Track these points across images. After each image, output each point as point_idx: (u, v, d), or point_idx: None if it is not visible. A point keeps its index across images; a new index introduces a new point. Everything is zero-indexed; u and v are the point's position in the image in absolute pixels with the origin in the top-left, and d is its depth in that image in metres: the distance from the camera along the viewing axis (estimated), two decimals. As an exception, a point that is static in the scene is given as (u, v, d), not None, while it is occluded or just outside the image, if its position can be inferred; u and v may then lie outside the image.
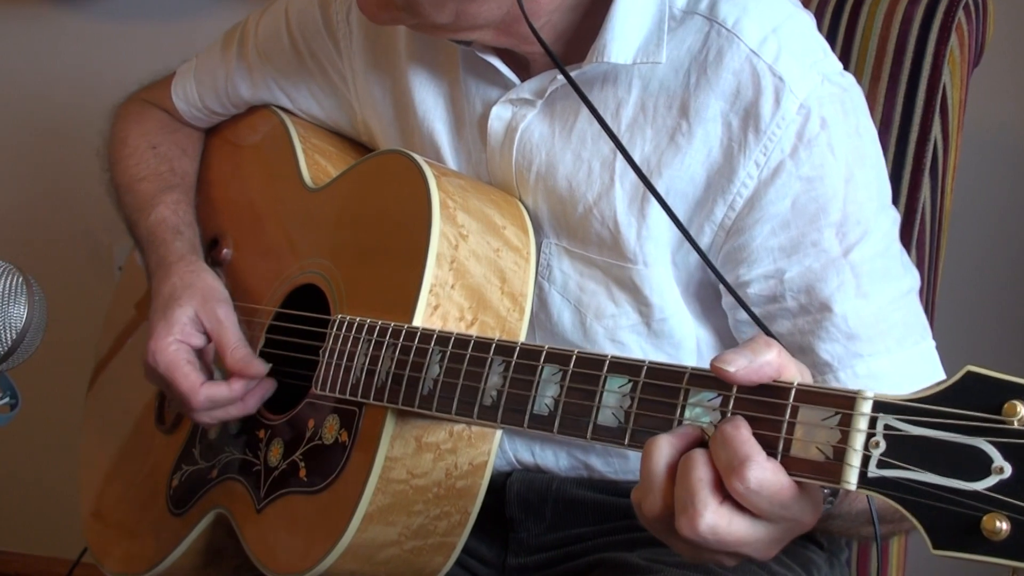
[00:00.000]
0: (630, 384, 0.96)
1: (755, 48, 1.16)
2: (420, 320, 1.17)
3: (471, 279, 1.20)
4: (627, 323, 1.25)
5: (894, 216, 1.23)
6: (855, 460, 0.82)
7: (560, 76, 1.21)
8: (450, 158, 1.34)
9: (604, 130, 1.14)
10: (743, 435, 0.87)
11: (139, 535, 1.49)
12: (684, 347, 1.26)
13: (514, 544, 1.37)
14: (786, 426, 0.86)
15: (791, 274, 1.17)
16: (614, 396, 0.97)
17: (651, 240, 1.21)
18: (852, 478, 0.82)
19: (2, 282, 1.18)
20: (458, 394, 1.09)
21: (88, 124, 1.72)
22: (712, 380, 0.92)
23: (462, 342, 1.10)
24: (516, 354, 1.06)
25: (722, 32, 1.17)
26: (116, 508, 1.56)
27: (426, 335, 1.14)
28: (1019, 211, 1.99)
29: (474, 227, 1.22)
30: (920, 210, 1.56)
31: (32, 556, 2.67)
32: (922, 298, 1.55)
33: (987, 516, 0.76)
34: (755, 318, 1.10)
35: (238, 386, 1.32)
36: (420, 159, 1.26)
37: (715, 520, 0.86)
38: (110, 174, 1.60)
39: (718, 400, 0.91)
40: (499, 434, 1.23)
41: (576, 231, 1.25)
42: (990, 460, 0.77)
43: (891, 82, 1.55)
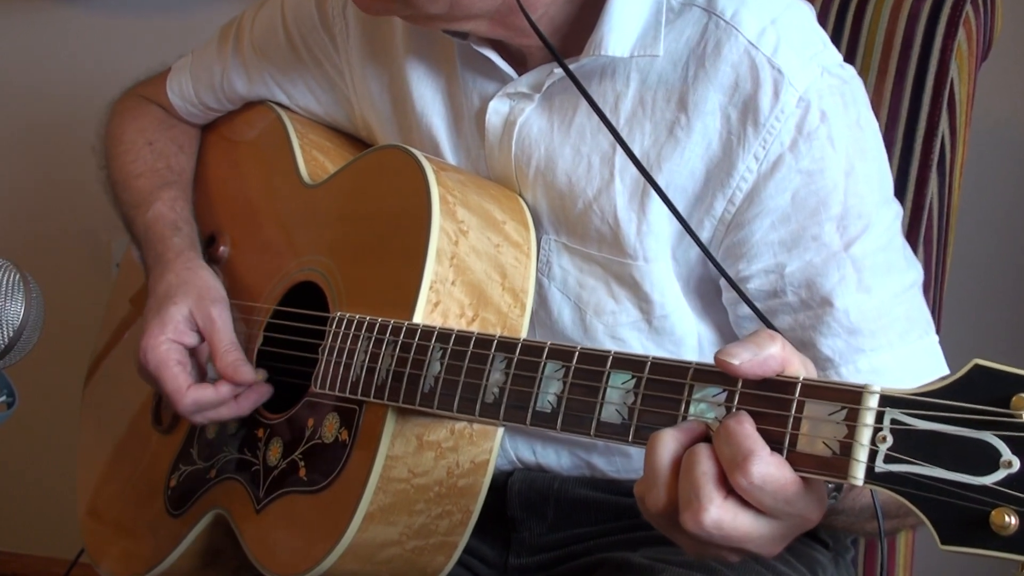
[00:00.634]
0: (634, 380, 0.97)
1: (753, 40, 1.16)
2: (420, 317, 1.17)
3: (472, 275, 1.21)
4: (627, 320, 1.25)
5: (897, 210, 1.23)
6: (862, 455, 0.82)
7: (557, 69, 1.21)
8: (449, 153, 1.34)
9: (604, 124, 1.14)
10: (746, 430, 0.87)
11: (137, 536, 1.49)
12: (685, 344, 1.26)
13: (516, 544, 1.37)
14: (792, 421, 0.86)
15: (791, 268, 1.17)
16: (617, 392, 0.97)
17: (651, 235, 1.22)
18: (859, 473, 0.82)
19: (-1, 279, 1.19)
20: (460, 391, 1.09)
21: (85, 120, 1.72)
22: (716, 375, 0.92)
23: (463, 339, 1.11)
24: (518, 351, 1.06)
25: (720, 24, 1.18)
26: (113, 509, 1.56)
27: (427, 332, 1.14)
28: (1027, 207, 2.00)
29: (474, 223, 1.22)
30: (927, 206, 1.56)
31: (29, 556, 2.67)
32: (929, 294, 1.56)
33: (995, 511, 0.77)
34: (756, 311, 1.10)
35: (225, 389, 1.32)
36: (419, 154, 1.26)
37: (720, 515, 0.87)
38: (106, 171, 1.60)
39: (723, 396, 0.91)
40: (501, 432, 1.23)
41: (576, 227, 1.25)
42: (998, 454, 0.77)
43: (898, 77, 1.56)
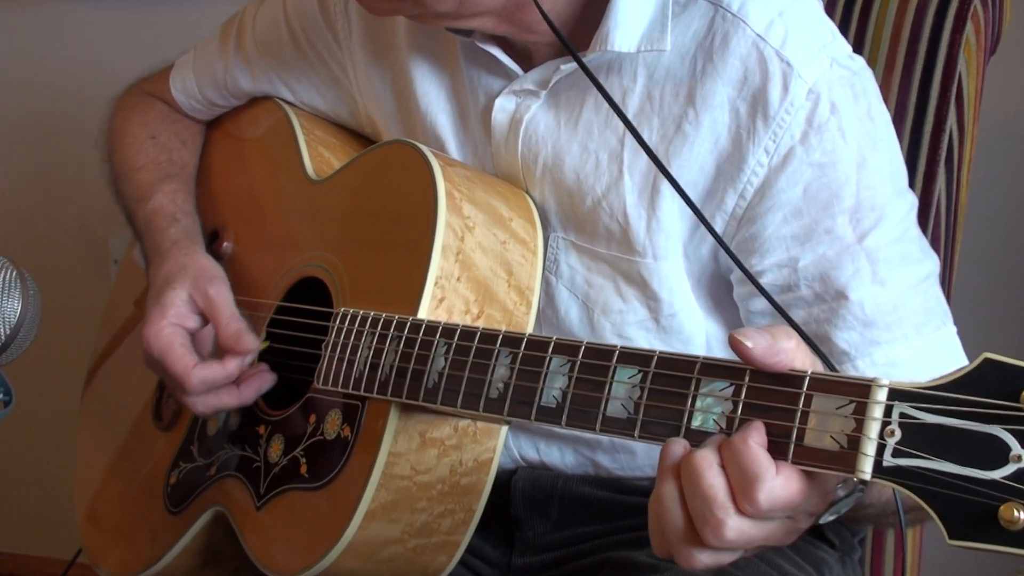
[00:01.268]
0: (640, 375, 0.97)
1: (761, 33, 1.17)
2: (425, 313, 1.18)
3: (477, 271, 1.21)
4: (635, 318, 1.26)
5: (912, 200, 1.23)
6: (870, 449, 0.83)
7: (564, 66, 1.22)
8: (455, 151, 1.35)
9: (616, 113, 1.14)
10: (752, 452, 0.87)
11: (136, 535, 1.49)
12: (693, 343, 1.26)
13: (519, 543, 1.38)
14: (800, 415, 0.87)
15: (805, 262, 1.18)
16: (623, 387, 0.98)
17: (661, 232, 1.22)
18: (867, 467, 0.83)
19: (-4, 276, 1.19)
20: (464, 387, 1.10)
21: (82, 115, 1.73)
22: (723, 370, 0.93)
23: (468, 334, 1.11)
24: (523, 345, 1.06)
25: (727, 16, 1.18)
26: (113, 508, 1.57)
27: (431, 327, 1.14)
28: (1036, 203, 2.00)
29: (480, 219, 1.23)
30: (935, 202, 1.56)
31: (27, 556, 2.68)
32: (937, 289, 1.56)
33: (1004, 505, 0.77)
34: (775, 304, 1.09)
35: (232, 364, 1.31)
36: (426, 149, 1.26)
37: (739, 524, 0.87)
38: (109, 164, 1.61)
39: (730, 390, 0.92)
40: (505, 430, 1.23)
41: (584, 224, 1.26)
42: (1008, 448, 0.78)
43: (905, 71, 1.56)
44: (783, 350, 0.89)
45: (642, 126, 1.21)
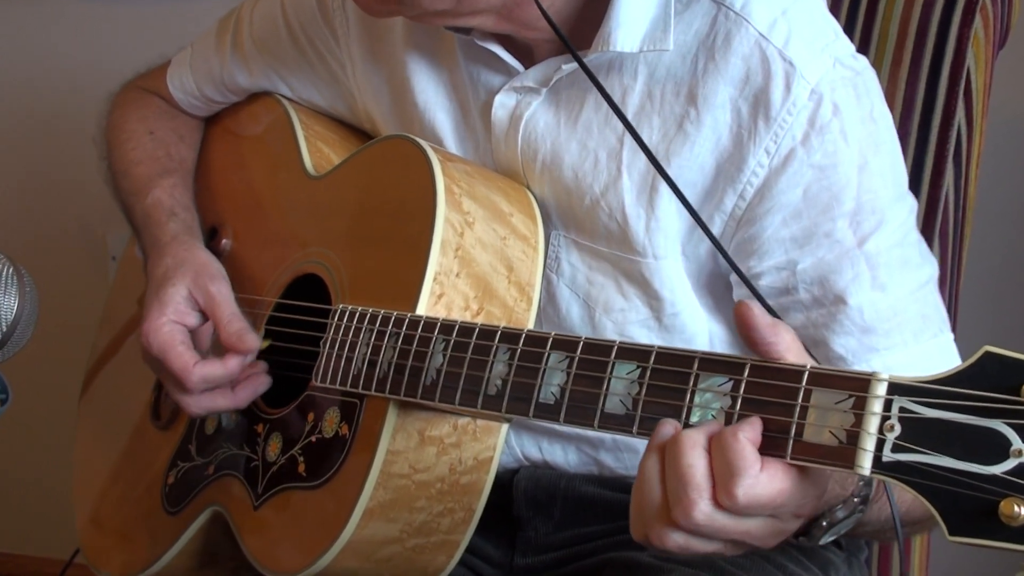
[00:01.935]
0: (639, 370, 0.97)
1: (764, 32, 1.17)
2: (424, 309, 1.18)
3: (477, 267, 1.21)
4: (637, 317, 1.26)
5: (911, 204, 1.23)
6: (869, 444, 0.83)
7: (566, 64, 1.22)
8: (455, 148, 1.35)
9: (615, 113, 1.14)
10: (739, 444, 0.87)
11: (134, 536, 1.50)
12: (696, 342, 1.26)
13: (522, 543, 1.38)
14: (798, 410, 0.87)
15: (804, 265, 1.18)
16: (622, 383, 0.98)
17: (660, 232, 1.22)
18: (866, 463, 0.83)
19: (-8, 273, 1.20)
20: (462, 384, 1.10)
21: (80, 111, 1.73)
22: (723, 365, 0.93)
23: (466, 330, 1.11)
24: (522, 341, 1.07)
25: (730, 15, 1.18)
26: (111, 509, 1.57)
27: (429, 324, 1.15)
28: (1046, 199, 2.00)
29: (480, 214, 1.23)
30: (943, 198, 1.56)
31: (24, 556, 2.68)
32: (945, 287, 1.56)
33: (1005, 501, 0.77)
34: (768, 307, 1.10)
35: (233, 363, 1.31)
36: (425, 144, 1.26)
37: (711, 510, 0.88)
38: (107, 160, 1.62)
39: (729, 385, 0.92)
40: (505, 428, 1.23)
41: (583, 223, 1.26)
42: (1008, 443, 0.78)
43: (913, 65, 1.56)
44: (785, 330, 0.90)
45: (642, 125, 1.21)
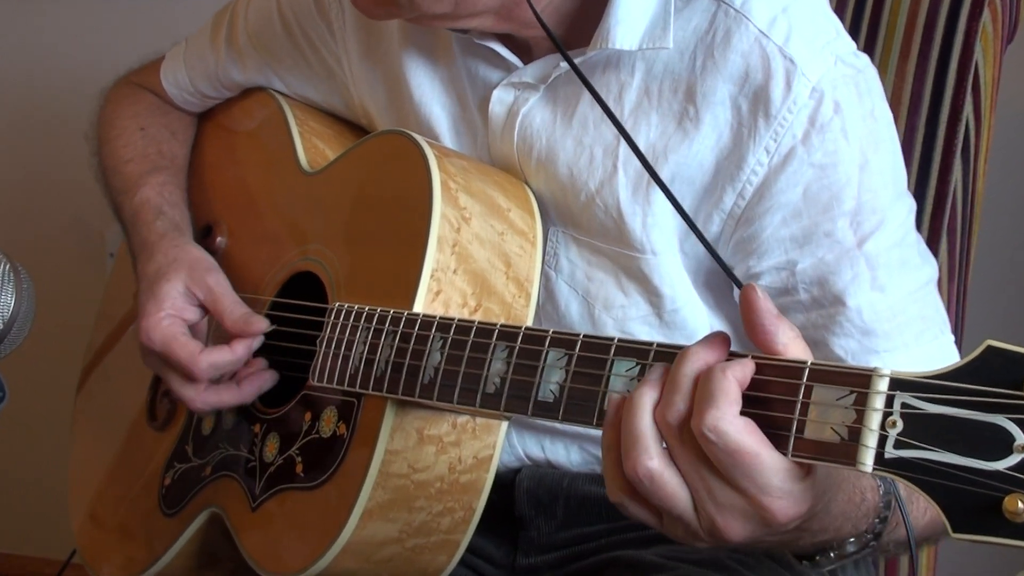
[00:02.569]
0: (638, 367, 0.97)
1: (764, 29, 1.16)
2: (421, 306, 1.18)
3: (474, 264, 1.21)
4: (637, 314, 1.26)
5: (911, 204, 1.23)
6: (871, 440, 0.82)
7: (563, 63, 1.22)
8: (451, 143, 1.34)
9: (607, 114, 1.14)
10: (725, 379, 0.86)
11: (131, 538, 1.49)
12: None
13: (524, 543, 1.37)
14: (800, 407, 0.86)
15: (803, 266, 1.18)
16: (621, 380, 0.97)
17: (657, 228, 1.22)
18: (868, 459, 0.82)
19: (-12, 269, 1.20)
20: (460, 382, 1.10)
21: (76, 106, 1.73)
22: (722, 360, 0.92)
23: (464, 328, 1.11)
24: (520, 339, 1.06)
25: (730, 12, 1.18)
26: (108, 510, 1.57)
27: (427, 321, 1.14)
28: (1055, 194, 1.99)
29: (477, 209, 1.23)
30: (951, 193, 1.56)
31: (21, 556, 2.69)
32: (953, 284, 1.56)
33: (1008, 497, 0.76)
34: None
35: (241, 348, 1.32)
36: (420, 139, 1.26)
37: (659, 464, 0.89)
38: (98, 158, 1.62)
39: (729, 380, 0.91)
40: (505, 426, 1.23)
41: (580, 220, 1.26)
42: (1012, 438, 0.77)
43: (921, 59, 1.56)
44: (784, 328, 0.89)
45: (639, 122, 1.21)
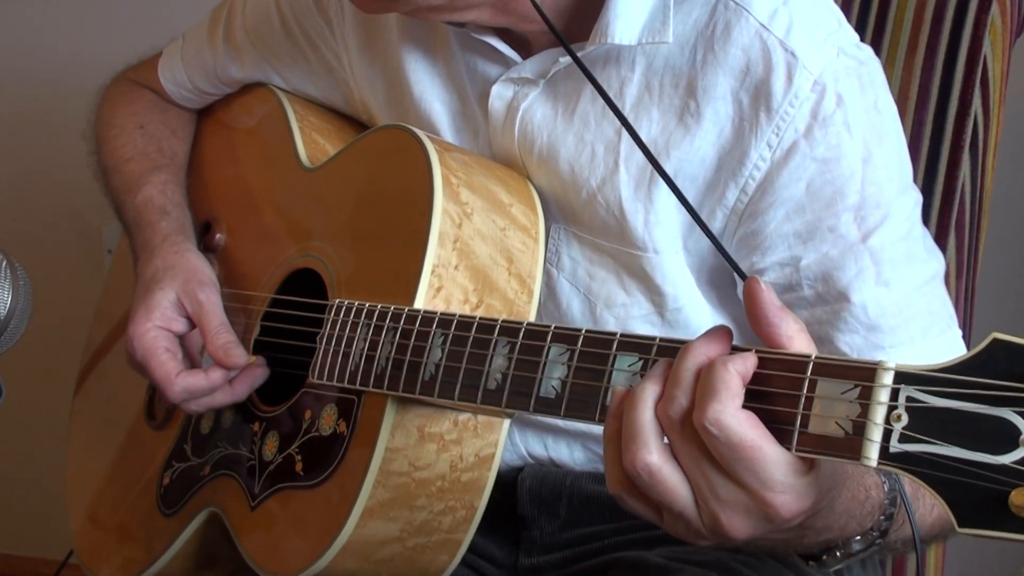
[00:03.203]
0: (641, 362, 0.97)
1: (765, 22, 1.16)
2: (422, 303, 1.17)
3: (476, 259, 1.21)
4: (639, 312, 1.26)
5: (916, 197, 1.22)
6: (876, 435, 0.82)
7: (563, 57, 1.22)
8: (451, 139, 1.34)
9: (611, 108, 1.14)
10: (727, 373, 0.86)
11: (130, 538, 1.50)
12: None
13: (526, 543, 1.37)
14: (803, 401, 0.86)
15: (807, 261, 1.17)
16: (624, 375, 0.97)
17: (659, 226, 1.22)
18: (872, 454, 0.82)
19: (-16, 266, 1.20)
20: (461, 378, 1.10)
21: (73, 102, 1.73)
22: (726, 355, 0.92)
23: (465, 324, 1.11)
24: (521, 335, 1.06)
25: (730, 5, 1.17)
26: (106, 510, 1.57)
27: (427, 318, 1.14)
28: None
29: (479, 205, 1.23)
30: (959, 189, 1.56)
31: (19, 556, 2.69)
32: (962, 279, 1.55)
33: (1015, 491, 0.76)
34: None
35: (216, 375, 1.32)
36: (421, 133, 1.26)
37: (659, 459, 0.89)
38: (97, 156, 1.62)
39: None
40: (507, 424, 1.23)
41: (582, 217, 1.26)
42: (1018, 432, 0.77)
43: (928, 53, 1.56)
44: (788, 321, 0.89)
45: (640, 117, 1.21)
